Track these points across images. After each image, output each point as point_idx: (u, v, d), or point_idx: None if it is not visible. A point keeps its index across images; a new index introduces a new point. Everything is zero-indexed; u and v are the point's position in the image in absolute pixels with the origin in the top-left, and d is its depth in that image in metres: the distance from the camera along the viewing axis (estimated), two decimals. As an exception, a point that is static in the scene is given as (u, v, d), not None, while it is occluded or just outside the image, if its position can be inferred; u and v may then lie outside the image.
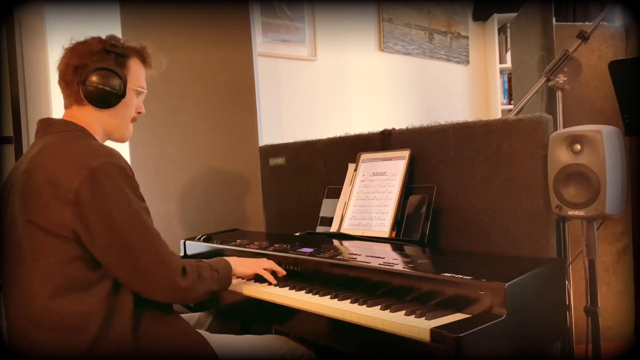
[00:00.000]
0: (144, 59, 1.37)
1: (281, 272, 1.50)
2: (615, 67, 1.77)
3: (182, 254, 1.99)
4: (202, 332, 1.35)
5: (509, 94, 4.07)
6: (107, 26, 2.27)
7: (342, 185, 1.83)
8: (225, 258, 1.42)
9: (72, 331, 1.13)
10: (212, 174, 2.42)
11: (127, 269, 1.16)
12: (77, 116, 1.29)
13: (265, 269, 1.48)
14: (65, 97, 1.31)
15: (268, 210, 2.27)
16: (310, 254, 1.49)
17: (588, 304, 1.35)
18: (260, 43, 2.88)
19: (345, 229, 1.74)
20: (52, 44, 2.45)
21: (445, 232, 1.61)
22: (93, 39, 1.30)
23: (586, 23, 2.78)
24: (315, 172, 2.03)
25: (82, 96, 1.26)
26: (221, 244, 1.82)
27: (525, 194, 1.40)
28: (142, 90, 1.38)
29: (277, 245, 1.66)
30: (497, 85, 4.10)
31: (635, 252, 2.69)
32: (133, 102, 1.36)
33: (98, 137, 1.31)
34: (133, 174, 1.21)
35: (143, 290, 1.18)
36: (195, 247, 1.94)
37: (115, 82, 1.28)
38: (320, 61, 3.19)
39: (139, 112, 1.40)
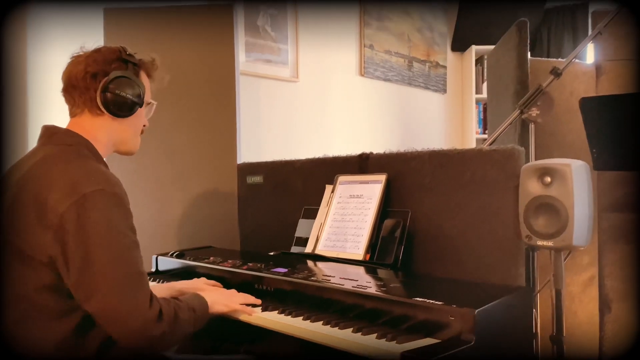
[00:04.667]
0: (150, 72, 1.35)
1: (257, 302, 1.43)
2: (585, 104, 1.84)
3: (153, 269, 1.97)
4: (170, 354, 1.32)
5: (484, 124, 4.17)
6: (91, 34, 2.28)
7: (319, 206, 1.85)
8: (201, 294, 1.36)
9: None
10: (188, 189, 2.41)
11: (96, 309, 1.08)
12: (86, 126, 1.25)
13: (242, 304, 1.41)
14: (75, 105, 1.26)
15: (243, 228, 2.27)
16: (284, 274, 1.49)
17: (554, 333, 1.38)
18: (243, 62, 2.90)
19: (320, 250, 1.75)
20: (34, 46, 2.43)
21: (419, 257, 1.63)
22: (107, 48, 1.27)
23: (559, 59, 2.89)
24: (292, 191, 2.04)
25: (100, 104, 1.23)
26: (194, 260, 1.81)
27: (497, 223, 1.43)
28: (152, 102, 1.38)
29: (250, 264, 1.65)
30: (473, 115, 4.20)
31: (600, 283, 2.76)
32: (143, 115, 1.35)
33: (103, 150, 1.27)
34: (128, 202, 1.16)
35: (112, 334, 1.11)
36: (168, 262, 1.92)
37: (136, 90, 1.26)
38: (301, 82, 3.23)
39: (144, 125, 1.38)
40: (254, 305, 1.41)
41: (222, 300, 1.38)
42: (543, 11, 4.18)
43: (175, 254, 1.92)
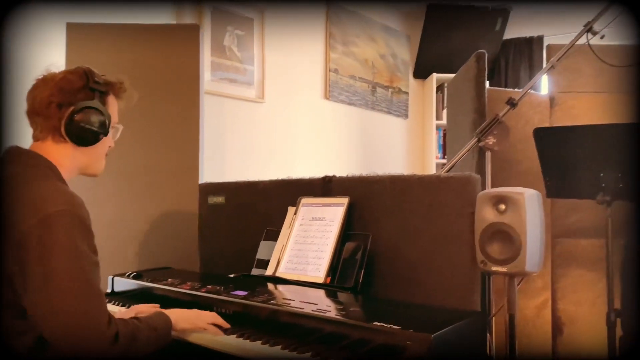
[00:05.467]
0: (119, 94, 1.34)
1: (225, 325, 1.39)
2: (538, 134, 1.92)
3: (109, 290, 1.92)
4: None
5: (444, 149, 4.28)
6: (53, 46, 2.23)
7: (281, 227, 1.85)
8: (165, 312, 1.33)
9: None
10: (149, 208, 2.37)
11: (52, 329, 1.06)
12: (50, 151, 1.23)
13: (209, 324, 1.38)
14: (38, 130, 1.25)
15: (204, 249, 2.24)
16: (244, 297, 1.48)
17: (508, 356, 1.41)
18: (208, 81, 2.90)
19: (281, 273, 1.74)
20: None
21: (379, 280, 1.65)
22: (72, 73, 1.25)
23: (516, 90, 3.01)
24: (254, 213, 2.04)
25: (63, 133, 1.21)
26: (151, 282, 1.77)
27: (454, 248, 1.47)
28: (118, 126, 1.36)
29: (210, 286, 1.63)
30: (433, 140, 4.31)
31: (553, 307, 2.85)
32: (110, 138, 1.34)
33: (67, 174, 1.26)
34: (91, 223, 1.15)
35: (67, 355, 1.08)
36: (124, 284, 1.88)
37: (100, 121, 1.25)
38: (267, 103, 3.25)
39: (109, 147, 1.37)
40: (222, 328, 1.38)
41: (189, 318, 1.37)
42: (501, 42, 4.36)
43: (132, 275, 1.88)
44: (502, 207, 1.29)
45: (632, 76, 2.29)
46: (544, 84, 3.21)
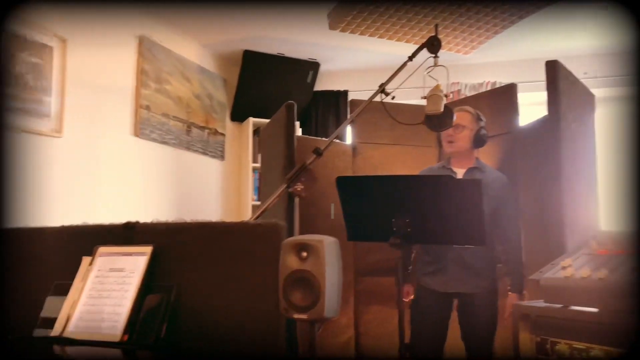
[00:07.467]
0: None
1: None
2: (340, 182, 2.06)
3: None
4: None
5: (260, 192, 4.36)
6: None
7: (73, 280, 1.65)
8: None
9: None
10: None
11: None
12: None
13: None
14: None
15: (-27, 308, 1.89)
16: (19, 367, 1.27)
17: (311, 400, 1.43)
18: (-8, 111, 2.53)
19: (70, 333, 1.54)
20: None
21: (184, 333, 1.56)
22: None
23: (324, 139, 3.22)
24: (41, 264, 1.79)
25: None
26: None
27: (261, 296, 1.47)
28: None
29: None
30: (249, 182, 4.36)
31: (356, 342, 3.02)
32: None
33: None
34: None
35: None
36: None
37: None
38: (65, 138, 2.94)
39: None
40: None
41: None
42: (312, 93, 4.66)
43: None
44: (304, 254, 1.33)
45: (423, 131, 2.61)
46: (349, 134, 3.50)
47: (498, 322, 2.44)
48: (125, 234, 1.71)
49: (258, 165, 4.34)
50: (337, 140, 2.81)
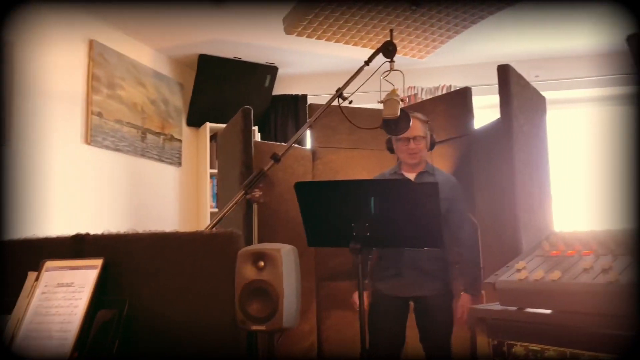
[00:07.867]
0: None
1: None
2: (298, 187, 2.04)
3: None
4: None
5: (218, 198, 4.29)
6: None
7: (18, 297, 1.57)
8: None
9: None
10: None
11: None
12: None
13: None
14: None
15: None
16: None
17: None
18: None
19: (15, 352, 1.46)
20: None
21: (139, 348, 1.51)
22: None
23: (282, 144, 3.19)
24: (-17, 281, 1.69)
25: None
26: None
27: (218, 308, 1.43)
28: None
29: None
30: (207, 189, 4.28)
31: (319, 348, 3.00)
32: None
33: None
34: None
35: None
36: None
37: None
38: (11, 147, 2.81)
39: None
40: None
41: None
42: (271, 97, 4.62)
43: None
44: (261, 264, 1.30)
45: (382, 135, 2.62)
46: (308, 139, 3.48)
47: (454, 322, 2.47)
48: (75, 247, 1.64)
49: (216, 171, 4.27)
50: (297, 145, 2.78)
